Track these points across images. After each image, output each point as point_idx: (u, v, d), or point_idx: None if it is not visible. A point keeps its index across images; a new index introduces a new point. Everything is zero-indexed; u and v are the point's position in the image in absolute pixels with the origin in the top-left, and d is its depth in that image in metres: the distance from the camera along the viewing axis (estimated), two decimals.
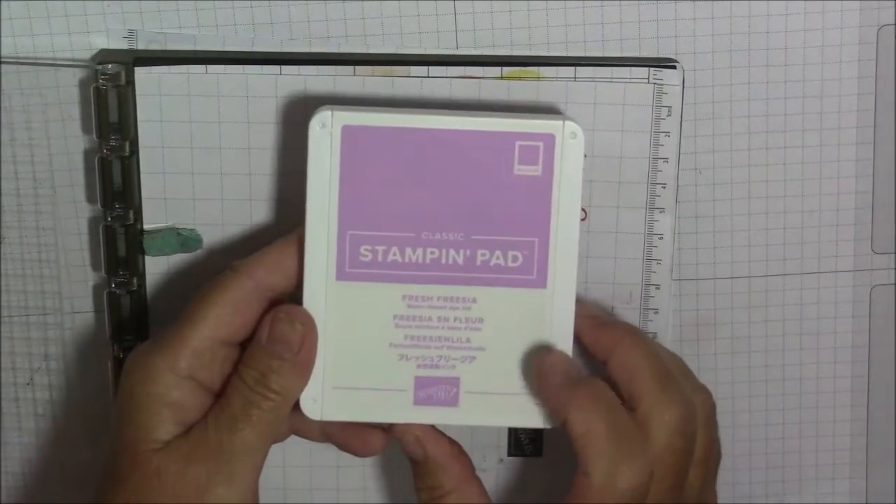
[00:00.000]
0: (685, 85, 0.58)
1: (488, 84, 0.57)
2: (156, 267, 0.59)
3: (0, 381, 0.61)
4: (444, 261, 0.53)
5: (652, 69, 0.57)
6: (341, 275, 0.53)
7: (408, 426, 0.54)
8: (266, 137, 0.57)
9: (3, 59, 0.57)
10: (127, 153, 0.57)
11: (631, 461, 0.51)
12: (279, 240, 0.54)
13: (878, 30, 0.58)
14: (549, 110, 0.57)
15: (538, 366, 0.53)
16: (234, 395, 0.52)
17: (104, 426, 0.61)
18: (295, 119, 0.57)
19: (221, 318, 0.53)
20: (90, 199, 0.59)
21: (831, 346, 0.62)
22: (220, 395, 0.53)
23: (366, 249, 0.52)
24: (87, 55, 0.57)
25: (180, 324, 0.53)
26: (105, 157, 0.57)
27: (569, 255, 0.53)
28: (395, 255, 0.52)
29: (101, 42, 0.57)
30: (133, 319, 0.59)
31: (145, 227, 0.58)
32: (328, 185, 0.51)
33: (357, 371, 0.53)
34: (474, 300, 0.53)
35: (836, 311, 0.61)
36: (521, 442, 0.61)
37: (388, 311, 0.53)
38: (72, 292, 0.60)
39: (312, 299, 0.53)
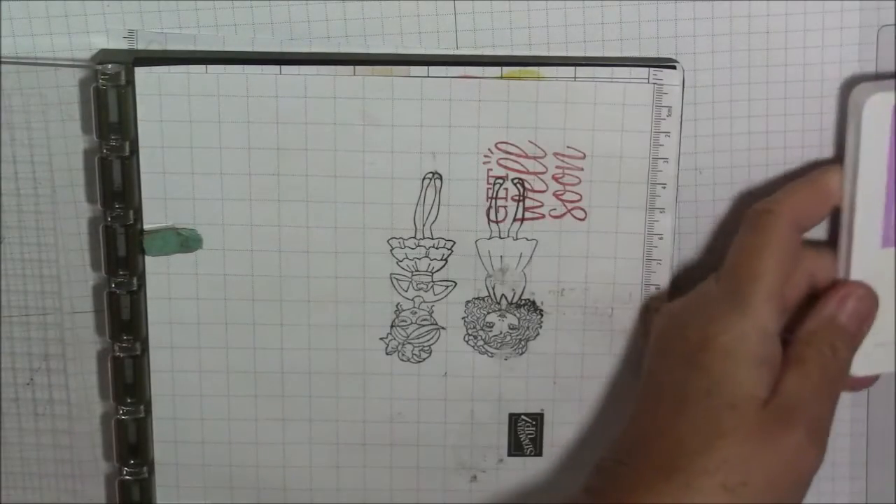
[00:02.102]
0: (685, 85, 0.58)
1: (488, 84, 0.57)
2: (156, 267, 0.59)
3: (0, 381, 0.61)
4: None
5: (652, 69, 0.57)
6: (887, 242, 0.55)
7: None
8: (266, 137, 0.57)
9: (3, 59, 0.57)
10: (127, 153, 0.57)
11: None
12: (803, 182, 0.56)
13: (878, 30, 0.58)
14: None
15: None
16: (814, 367, 0.54)
17: (105, 426, 0.61)
18: (295, 119, 0.57)
19: (780, 266, 0.55)
20: (90, 199, 0.59)
21: None
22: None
23: None
24: (87, 55, 0.57)
25: (744, 280, 0.54)
26: (105, 157, 0.57)
27: None
28: None
29: (101, 42, 0.57)
30: (133, 319, 0.59)
31: (145, 227, 0.58)
32: (879, 159, 0.54)
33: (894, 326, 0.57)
34: None
35: None
36: (521, 442, 0.61)
37: None
38: (72, 292, 0.60)
39: (861, 267, 0.55)
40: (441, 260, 0.59)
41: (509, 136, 0.58)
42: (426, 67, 0.57)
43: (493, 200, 0.58)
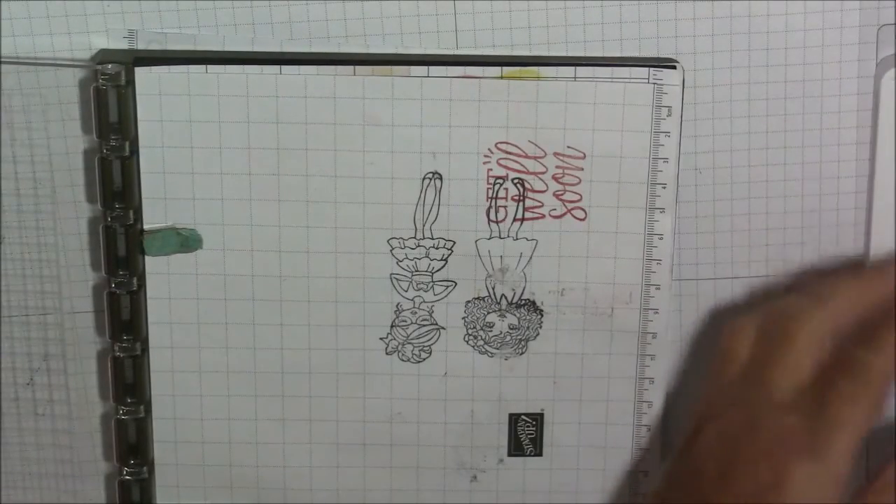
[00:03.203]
0: (685, 85, 0.58)
1: (488, 84, 0.57)
2: (156, 267, 0.59)
3: (0, 381, 0.61)
4: None
5: (652, 69, 0.57)
6: None
7: None
8: (266, 137, 0.57)
9: (3, 59, 0.57)
10: (127, 153, 0.57)
11: None
12: (885, 317, 0.55)
13: (878, 30, 0.58)
14: None
15: None
16: None
17: (105, 426, 0.61)
18: (295, 119, 0.57)
19: (871, 416, 0.53)
20: (90, 199, 0.59)
21: None
22: None
23: None
24: (87, 55, 0.57)
25: (833, 425, 0.53)
26: (105, 157, 0.57)
27: None
28: None
29: (101, 42, 0.57)
30: (133, 319, 0.59)
31: (145, 227, 0.58)
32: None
33: None
34: None
35: None
36: (521, 442, 0.61)
37: None
38: (72, 292, 0.60)
39: (879, 235, 0.57)
40: (441, 260, 0.59)
41: (509, 136, 0.58)
42: (426, 67, 0.57)
43: (493, 200, 0.58)
